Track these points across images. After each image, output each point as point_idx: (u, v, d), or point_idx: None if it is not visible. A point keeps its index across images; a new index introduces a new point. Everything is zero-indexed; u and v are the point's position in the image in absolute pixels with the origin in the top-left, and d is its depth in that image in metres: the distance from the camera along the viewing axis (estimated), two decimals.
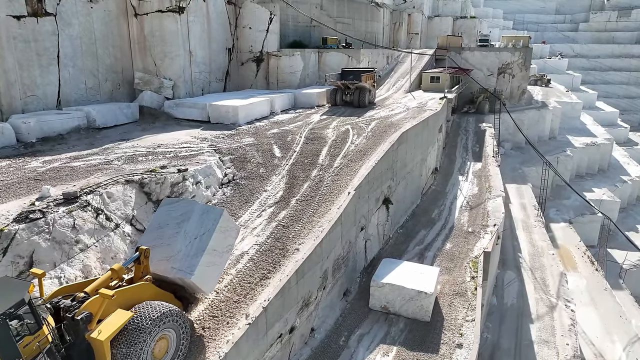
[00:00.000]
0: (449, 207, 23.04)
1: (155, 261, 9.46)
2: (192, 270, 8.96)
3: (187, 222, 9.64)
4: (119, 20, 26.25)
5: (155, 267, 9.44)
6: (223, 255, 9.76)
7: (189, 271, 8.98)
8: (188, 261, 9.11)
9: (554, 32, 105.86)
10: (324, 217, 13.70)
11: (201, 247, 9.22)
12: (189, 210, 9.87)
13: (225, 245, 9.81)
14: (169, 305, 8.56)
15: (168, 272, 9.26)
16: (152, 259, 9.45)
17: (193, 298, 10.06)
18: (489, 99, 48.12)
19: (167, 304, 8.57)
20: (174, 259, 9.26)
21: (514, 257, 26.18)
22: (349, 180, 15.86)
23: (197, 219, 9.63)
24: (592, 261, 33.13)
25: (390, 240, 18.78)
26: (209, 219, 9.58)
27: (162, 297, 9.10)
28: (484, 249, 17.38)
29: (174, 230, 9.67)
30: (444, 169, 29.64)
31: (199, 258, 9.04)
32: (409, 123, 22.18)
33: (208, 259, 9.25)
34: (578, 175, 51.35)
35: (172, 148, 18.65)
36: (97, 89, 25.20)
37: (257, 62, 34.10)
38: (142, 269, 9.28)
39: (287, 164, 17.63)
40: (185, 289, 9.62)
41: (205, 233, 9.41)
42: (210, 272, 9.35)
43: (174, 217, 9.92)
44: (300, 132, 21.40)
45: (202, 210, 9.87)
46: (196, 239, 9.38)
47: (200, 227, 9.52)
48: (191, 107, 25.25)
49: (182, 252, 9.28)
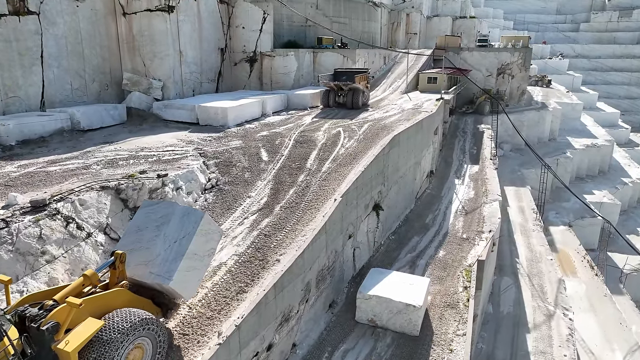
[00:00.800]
0: (443, 212, 22.38)
1: (133, 265, 9.03)
2: (170, 276, 8.55)
3: (166, 225, 9.27)
4: (107, 19, 25.63)
5: (133, 272, 9.02)
6: (204, 259, 9.29)
7: (167, 276, 8.58)
8: (167, 266, 8.73)
9: (555, 32, 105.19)
10: (309, 226, 13.06)
11: (181, 251, 8.84)
12: (169, 212, 9.48)
13: (207, 249, 9.33)
14: (143, 312, 8.12)
15: (146, 277, 8.86)
16: (130, 263, 9.03)
17: (173, 304, 9.58)
18: (491, 100, 47.54)
19: (142, 312, 8.11)
20: (153, 264, 8.89)
21: (511, 262, 25.52)
22: (336, 186, 15.21)
23: (178, 222, 9.26)
24: (592, 266, 32.48)
25: (381, 247, 18.12)
26: (189, 222, 9.18)
27: (139, 304, 8.68)
28: (478, 256, 16.73)
29: (153, 234, 9.29)
30: (440, 172, 28.97)
31: (178, 262, 8.66)
32: (402, 125, 21.53)
33: (188, 264, 8.84)
34: (578, 177, 50.64)
35: (156, 151, 18.01)
36: (84, 90, 24.57)
37: (250, 62, 33.47)
38: (117, 274, 8.83)
39: (274, 169, 16.99)
40: (164, 295, 9.19)
41: (185, 236, 9.02)
42: (191, 277, 8.93)
43: (153, 219, 9.53)
44: (290, 135, 20.76)
45: (183, 212, 9.45)
46: (176, 242, 9.00)
47: (180, 230, 9.14)
48: (180, 109, 24.62)
49: (161, 256, 8.91)
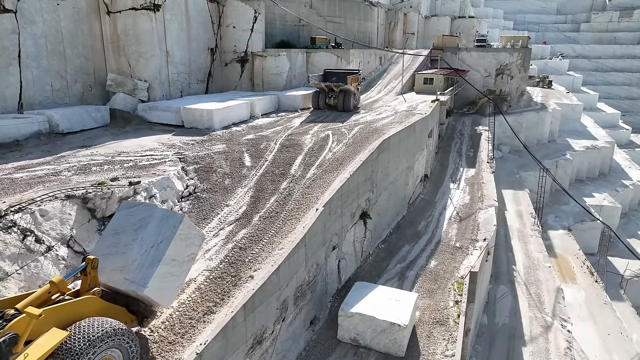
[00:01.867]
0: (437, 219, 21.53)
1: (109, 271, 8.49)
2: (145, 282, 8.11)
3: (144, 229, 8.84)
4: (90, 18, 24.78)
5: (107, 278, 8.47)
6: (184, 265, 8.80)
7: (142, 283, 8.15)
8: (142, 272, 8.29)
9: (555, 32, 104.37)
10: (287, 238, 12.21)
11: (157, 256, 8.38)
12: (148, 215, 9.03)
13: (186, 254, 8.82)
14: (113, 322, 7.58)
15: (120, 284, 8.38)
16: (105, 268, 8.51)
17: (149, 312, 8.94)
18: (495, 101, 46.82)
19: (112, 321, 7.58)
20: (128, 269, 8.45)
21: (508, 270, 24.66)
22: (320, 193, 14.37)
23: (156, 225, 8.82)
24: (592, 272, 31.62)
25: (369, 257, 17.27)
26: (167, 226, 8.74)
27: (111, 312, 8.15)
28: (471, 268, 15.86)
29: (130, 237, 8.86)
30: (435, 176, 28.12)
31: (154, 269, 8.22)
32: (393, 129, 20.67)
33: (165, 270, 8.38)
34: (578, 179, 49.77)
35: (134, 156, 17.17)
36: (65, 91, 23.72)
37: (241, 62, 32.63)
38: (89, 280, 8.26)
39: (256, 175, 16.14)
40: (140, 302, 8.63)
41: (163, 241, 8.57)
42: (168, 284, 8.47)
43: (131, 222, 9.07)
44: (277, 139, 19.93)
45: (162, 215, 8.96)
46: (153, 247, 8.55)
47: (158, 234, 8.69)
48: (165, 111, 23.77)
49: (137, 261, 8.47)
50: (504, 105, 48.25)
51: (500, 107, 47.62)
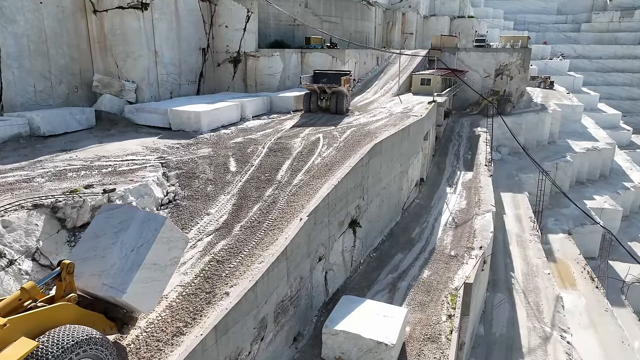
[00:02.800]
0: (432, 225, 20.77)
1: (87, 276, 8.09)
2: (124, 288, 7.79)
3: (125, 232, 8.50)
4: (76, 17, 24.04)
5: (85, 283, 8.06)
6: (166, 269, 8.45)
7: (120, 288, 7.81)
8: (121, 277, 7.97)
9: (556, 32, 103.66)
10: (268, 250, 11.47)
11: (137, 260, 8.08)
12: (129, 217, 8.67)
13: (169, 258, 8.47)
14: (87, 330, 7.12)
15: (98, 289, 8.00)
16: (83, 273, 8.11)
17: (129, 318, 8.49)
18: (499, 101, 46.24)
19: (86, 329, 7.11)
20: (106, 274, 8.08)
21: (506, 277, 23.92)
22: (306, 201, 13.63)
23: (137, 228, 8.49)
24: (592, 277, 30.86)
25: (360, 267, 16.52)
26: (149, 229, 8.42)
27: (88, 319, 7.72)
28: (465, 279, 15.13)
29: (111, 241, 8.49)
30: (431, 180, 27.37)
31: (134, 273, 7.91)
32: (387, 132, 19.92)
33: (146, 274, 8.06)
34: (578, 181, 49.02)
35: (114, 161, 16.44)
36: (50, 93, 22.99)
37: (234, 63, 31.93)
38: (64, 286, 7.78)
39: (241, 181, 15.40)
40: (119, 309, 8.26)
41: (143, 244, 8.25)
42: (149, 289, 8.13)
43: (112, 225, 8.71)
44: (265, 142, 19.19)
45: (143, 218, 8.63)
46: (133, 251, 8.23)
47: (139, 237, 8.38)
48: (152, 113, 23.04)
49: (117, 266, 8.12)
50: (508, 106, 47.59)
51: (503, 107, 47.02)
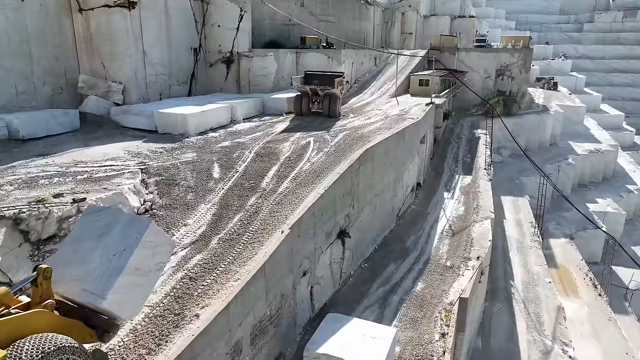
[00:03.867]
0: (427, 233, 19.93)
1: (67, 281, 7.55)
2: (104, 294, 7.26)
3: (108, 235, 7.95)
4: (60, 15, 23.25)
5: (65, 289, 7.49)
6: (150, 274, 7.91)
7: (101, 294, 7.29)
8: (102, 282, 7.43)
9: (558, 32, 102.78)
10: (246, 265, 10.64)
11: (120, 265, 7.53)
12: (113, 220, 8.14)
13: (154, 263, 7.94)
14: (61, 338, 6.48)
15: (77, 296, 7.46)
16: (63, 278, 7.49)
17: (110, 326, 7.88)
18: (505, 102, 45.48)
19: (59, 337, 6.47)
20: (87, 280, 7.54)
21: (505, 286, 23.07)
22: (290, 211, 12.79)
23: (120, 232, 7.94)
24: (595, 284, 29.97)
25: (349, 279, 15.67)
26: (132, 232, 7.89)
27: (66, 327, 7.09)
28: (461, 293, 14.27)
29: (93, 245, 7.93)
30: (428, 184, 26.51)
31: (115, 278, 7.38)
32: (380, 136, 19.07)
33: (129, 280, 7.52)
34: (581, 184, 48.11)
35: (92, 167, 15.61)
36: (32, 94, 22.18)
37: (227, 63, 31.10)
38: (40, 292, 7.16)
39: (224, 188, 14.57)
40: (100, 316, 7.65)
41: (126, 248, 7.74)
42: (132, 295, 7.60)
43: (95, 228, 8.15)
44: (253, 146, 18.36)
45: (128, 221, 8.10)
46: (115, 255, 7.69)
47: (122, 241, 7.84)
48: (138, 115, 22.23)
49: (98, 271, 7.57)
50: (514, 106, 46.81)
51: (510, 108, 46.25)
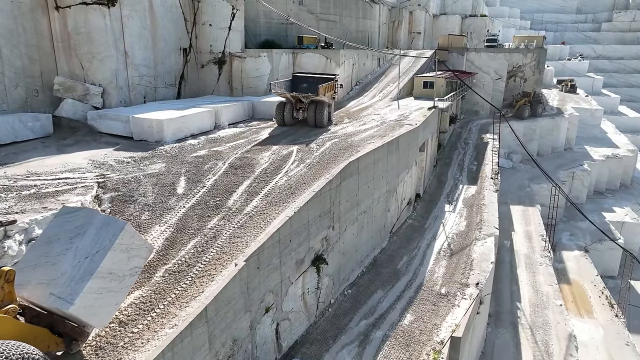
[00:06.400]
0: (423, 252, 18.03)
1: (34, 285, 7.48)
2: (72, 299, 7.15)
3: (81, 237, 7.90)
4: (35, 13, 21.86)
5: (31, 293, 7.42)
6: (124, 280, 7.88)
7: (68, 299, 7.18)
8: (71, 286, 7.31)
9: (575, 32, 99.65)
10: (189, 306, 8.94)
11: (90, 268, 7.44)
12: (87, 222, 8.10)
13: (128, 267, 7.93)
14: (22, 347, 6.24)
15: (44, 300, 7.33)
16: (30, 281, 7.50)
17: (79, 333, 7.65)
18: (531, 103, 43.56)
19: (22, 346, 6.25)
20: (55, 283, 7.42)
21: (511, 308, 21.05)
22: (253, 237, 11.07)
23: (94, 234, 7.92)
24: (612, 304, 27.68)
25: (329, 309, 13.87)
26: (106, 234, 7.84)
27: (29, 334, 6.93)
28: (454, 329, 12.39)
29: (64, 247, 7.87)
30: (429, 195, 24.56)
31: (84, 283, 7.28)
32: (371, 145, 17.25)
33: (100, 284, 7.43)
34: (597, 191, 45.60)
35: (44, 179, 14.09)
36: (3, 97, 20.81)
37: (218, 64, 29.53)
38: (2, 296, 7.04)
39: (185, 207, 12.90)
40: (67, 322, 7.47)
41: (99, 251, 7.66)
42: (103, 301, 7.50)
43: (68, 230, 8.07)
44: (229, 157, 16.68)
45: (102, 222, 8.05)
46: (87, 258, 7.62)
47: (95, 243, 7.79)
48: (114, 120, 20.75)
49: (67, 274, 7.48)
50: (539, 107, 44.83)
51: (535, 109, 44.32)
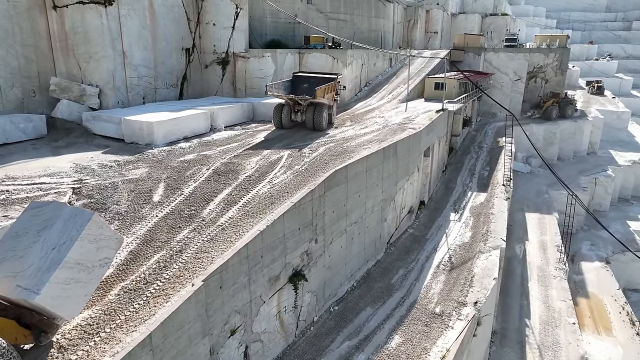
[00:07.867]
0: (421, 265, 16.91)
1: (0, 278, 7.49)
2: (38, 289, 7.13)
3: (48, 230, 7.91)
4: (33, 13, 21.58)
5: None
6: (94, 270, 7.86)
7: (34, 289, 7.16)
8: (37, 277, 7.28)
9: (604, 31, 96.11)
10: (136, 331, 8.15)
11: (57, 259, 7.41)
12: (55, 215, 8.15)
13: (97, 258, 7.91)
14: None
15: (10, 292, 7.31)
16: None
17: (47, 325, 7.53)
18: (560, 104, 41.90)
19: None
20: (22, 275, 7.43)
21: (519, 326, 19.73)
22: (221, 251, 10.23)
23: (61, 226, 7.92)
24: (633, 321, 25.92)
25: (311, 327, 12.93)
26: (74, 225, 7.84)
27: None
28: (443, 356, 11.29)
29: (32, 240, 7.91)
30: (435, 202, 23.35)
31: (51, 273, 7.23)
32: (366, 150, 16.22)
33: (67, 275, 7.39)
34: (622, 198, 43.37)
35: (18, 185, 13.58)
36: None
37: (222, 64, 28.92)
38: None
39: (157, 216, 12.16)
40: (35, 314, 7.38)
41: (66, 242, 7.62)
42: (71, 292, 7.46)
43: (36, 223, 8.15)
44: (214, 162, 15.91)
45: (70, 214, 8.09)
46: (54, 249, 7.59)
47: (62, 234, 7.78)
48: (107, 121, 20.30)
49: (34, 266, 7.47)
50: (569, 108, 43.01)
51: (565, 110, 42.63)
